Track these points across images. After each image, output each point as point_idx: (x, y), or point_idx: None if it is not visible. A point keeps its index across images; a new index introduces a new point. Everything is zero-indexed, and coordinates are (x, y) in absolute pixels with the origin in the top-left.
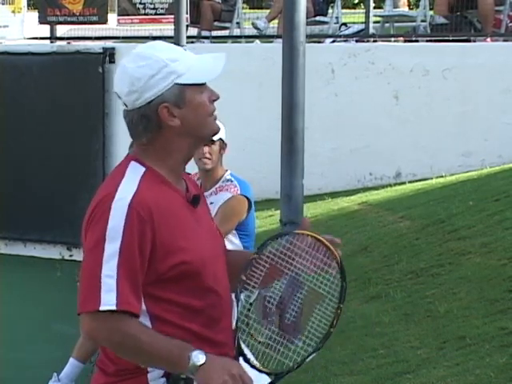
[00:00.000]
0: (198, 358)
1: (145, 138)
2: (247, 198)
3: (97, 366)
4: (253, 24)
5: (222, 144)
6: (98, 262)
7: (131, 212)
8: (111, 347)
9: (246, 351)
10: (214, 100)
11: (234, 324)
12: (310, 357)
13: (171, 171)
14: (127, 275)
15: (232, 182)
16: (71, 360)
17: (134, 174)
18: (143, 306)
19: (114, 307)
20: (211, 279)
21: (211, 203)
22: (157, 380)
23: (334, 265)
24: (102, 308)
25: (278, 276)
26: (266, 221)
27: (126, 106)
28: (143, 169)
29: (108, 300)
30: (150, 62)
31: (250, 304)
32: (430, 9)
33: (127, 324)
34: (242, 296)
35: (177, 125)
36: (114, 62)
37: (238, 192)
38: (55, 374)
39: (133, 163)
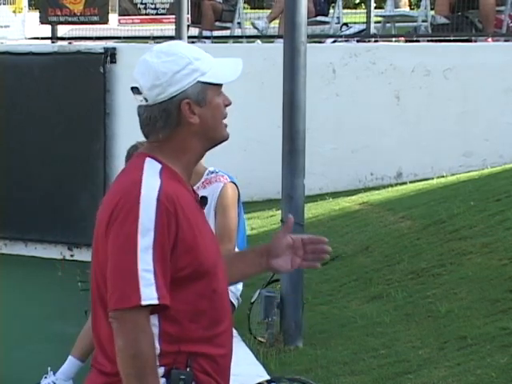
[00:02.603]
0: None
1: (162, 135)
2: (235, 184)
3: (92, 367)
4: (252, 24)
5: None
6: (132, 256)
7: (160, 206)
8: (127, 344)
9: None
10: (227, 105)
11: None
12: None
13: (184, 170)
14: (161, 269)
15: (217, 172)
16: (70, 358)
17: (153, 169)
18: None
19: (156, 301)
20: (216, 281)
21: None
22: None
23: None
24: (143, 303)
25: None
26: (268, 221)
27: (146, 100)
28: (159, 165)
29: (149, 294)
30: (175, 58)
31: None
32: (431, 9)
33: (148, 321)
34: None
35: (196, 122)
36: (115, 62)
37: (228, 180)
38: (50, 369)
39: (148, 159)
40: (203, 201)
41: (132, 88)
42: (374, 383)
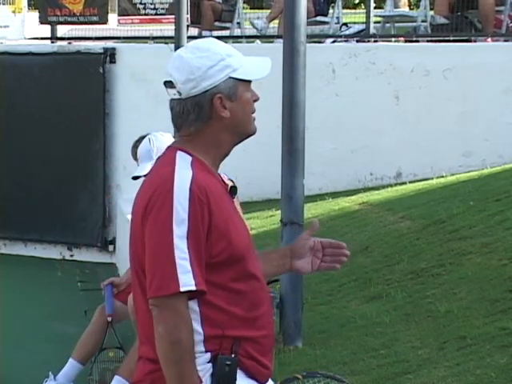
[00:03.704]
0: None
1: (193, 128)
2: (232, 181)
3: (140, 358)
4: (251, 23)
5: None
6: (168, 245)
7: (193, 196)
8: (167, 331)
9: None
10: (255, 100)
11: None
12: None
13: (213, 163)
14: (197, 256)
15: None
16: (70, 360)
17: (184, 161)
18: None
19: (193, 287)
20: (251, 265)
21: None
22: (204, 365)
23: None
24: (182, 289)
25: None
26: (267, 221)
27: (180, 94)
28: (190, 157)
29: (186, 281)
30: (208, 54)
31: None
32: (431, 9)
33: (187, 308)
34: None
35: (227, 116)
36: (114, 62)
37: (226, 178)
38: (51, 373)
39: (180, 152)
40: (233, 190)
41: (165, 82)
42: (373, 383)
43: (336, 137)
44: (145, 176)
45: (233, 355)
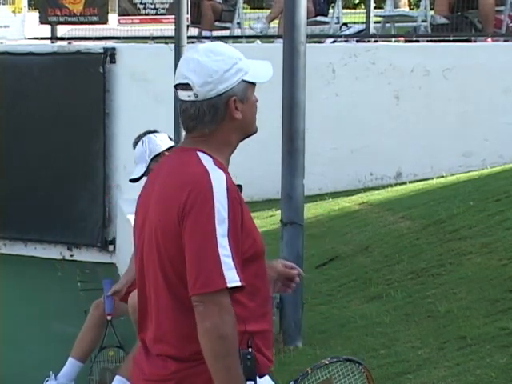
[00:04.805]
0: None
1: (208, 129)
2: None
3: (157, 356)
4: (250, 27)
5: None
6: (213, 243)
7: (230, 195)
8: (215, 326)
9: None
10: (256, 101)
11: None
12: None
13: (225, 162)
14: (236, 254)
15: None
16: (70, 359)
17: (209, 162)
18: None
19: (239, 283)
20: (265, 261)
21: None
22: None
23: None
24: (229, 285)
25: None
26: (267, 221)
27: (196, 96)
28: (211, 158)
29: (232, 277)
30: (224, 58)
31: None
32: (431, 9)
33: (230, 304)
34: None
35: (239, 118)
36: (114, 62)
37: None
38: (51, 373)
39: (200, 154)
40: (239, 189)
41: (179, 85)
42: None
43: (336, 137)
44: (142, 177)
45: (250, 349)
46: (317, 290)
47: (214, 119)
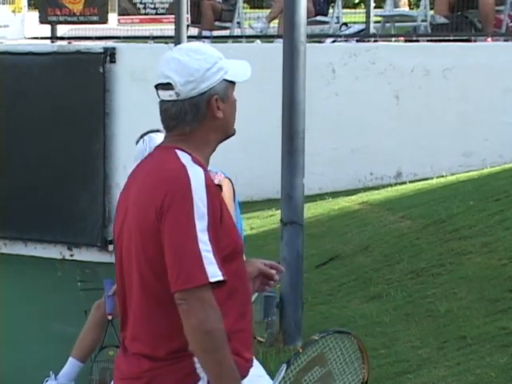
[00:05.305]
0: None
1: (189, 128)
2: (230, 180)
3: (133, 354)
4: (251, 27)
5: None
6: (193, 239)
7: (209, 190)
8: (200, 322)
9: None
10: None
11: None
12: None
13: (205, 162)
14: (216, 249)
15: (210, 171)
16: (70, 359)
17: (187, 159)
18: None
19: (221, 278)
20: (243, 261)
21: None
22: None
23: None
24: (211, 280)
25: (321, 364)
26: (267, 221)
27: (178, 95)
28: (189, 156)
29: (214, 272)
30: (205, 57)
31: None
32: (431, 8)
33: (213, 298)
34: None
35: (221, 117)
36: (114, 62)
37: (222, 176)
38: (52, 373)
39: (178, 151)
40: (219, 189)
41: (159, 84)
42: (373, 383)
43: (336, 137)
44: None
45: None
46: (317, 290)
47: (195, 118)
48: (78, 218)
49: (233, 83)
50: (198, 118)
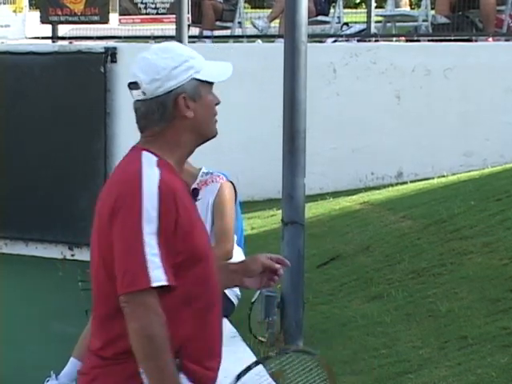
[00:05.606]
0: None
1: (157, 127)
2: (232, 183)
3: (90, 351)
4: (252, 23)
5: None
6: (139, 242)
7: (161, 194)
8: (141, 326)
9: None
10: (216, 104)
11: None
12: None
13: (177, 163)
14: (166, 253)
15: (212, 173)
16: (72, 359)
17: (150, 161)
18: None
19: (165, 282)
20: (209, 268)
21: (199, 199)
22: None
23: None
24: (154, 284)
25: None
26: (268, 220)
27: (145, 94)
28: (155, 158)
29: (158, 276)
30: (173, 55)
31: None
32: (432, 8)
33: (158, 303)
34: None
35: (190, 116)
36: (115, 62)
37: (224, 179)
38: (52, 373)
39: (144, 153)
40: (194, 192)
41: (129, 84)
42: (374, 383)
43: (337, 136)
44: None
45: (177, 359)
46: (318, 290)
47: (162, 117)
48: (79, 217)
49: (208, 83)
50: (165, 117)
